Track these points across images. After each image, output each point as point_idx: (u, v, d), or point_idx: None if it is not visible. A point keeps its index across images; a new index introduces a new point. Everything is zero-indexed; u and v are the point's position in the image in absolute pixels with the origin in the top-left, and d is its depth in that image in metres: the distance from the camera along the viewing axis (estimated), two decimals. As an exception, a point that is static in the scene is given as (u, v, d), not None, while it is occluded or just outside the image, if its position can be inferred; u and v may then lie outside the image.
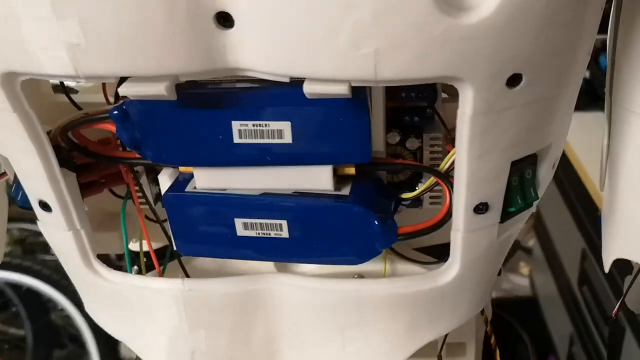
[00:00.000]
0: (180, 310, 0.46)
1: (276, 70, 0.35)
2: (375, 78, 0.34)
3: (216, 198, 0.43)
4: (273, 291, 0.45)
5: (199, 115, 0.40)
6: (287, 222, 0.43)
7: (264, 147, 0.40)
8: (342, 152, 0.40)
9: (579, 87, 0.43)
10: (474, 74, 0.35)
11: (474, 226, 0.42)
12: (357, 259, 0.43)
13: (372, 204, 0.42)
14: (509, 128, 0.38)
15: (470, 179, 0.39)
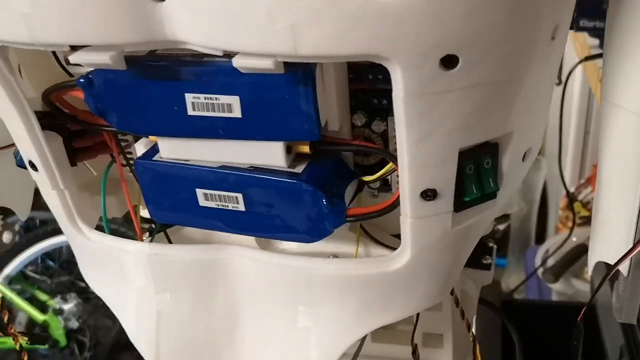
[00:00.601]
0: (147, 272, 0.48)
1: (207, 43, 0.36)
2: (296, 53, 0.34)
3: (179, 168, 0.45)
4: (232, 262, 0.46)
5: (156, 86, 0.41)
6: (243, 196, 0.43)
7: (215, 120, 0.41)
8: (290, 129, 0.40)
9: (549, 75, 0.42)
10: (400, 53, 0.34)
11: (423, 213, 0.41)
12: (309, 237, 0.43)
13: (323, 184, 0.42)
14: (450, 112, 0.37)
15: (411, 163, 0.39)
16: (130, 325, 0.51)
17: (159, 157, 0.45)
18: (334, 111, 0.42)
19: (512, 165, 0.43)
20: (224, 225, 0.46)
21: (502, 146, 0.42)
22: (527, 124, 0.42)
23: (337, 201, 0.42)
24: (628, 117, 0.43)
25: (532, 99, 0.41)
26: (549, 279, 1.36)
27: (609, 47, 0.43)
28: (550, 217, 1.77)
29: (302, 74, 0.38)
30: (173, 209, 0.46)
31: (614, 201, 0.45)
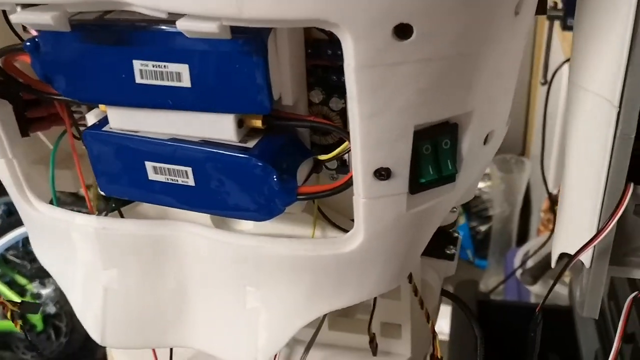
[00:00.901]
0: (94, 247, 0.46)
1: (149, 3, 0.34)
2: (240, 16, 0.33)
3: (128, 139, 0.43)
4: (182, 239, 0.45)
5: (103, 52, 0.39)
6: (192, 170, 0.42)
7: (164, 89, 0.39)
8: (240, 101, 0.39)
9: (513, 54, 0.40)
10: (351, 20, 0.33)
11: (376, 193, 0.39)
12: (259, 215, 0.42)
13: (275, 160, 0.40)
14: (404, 86, 0.35)
15: (364, 140, 0.37)
16: (77, 301, 0.49)
17: (109, 128, 0.44)
18: (288, 84, 0.40)
19: (472, 147, 0.41)
20: (173, 200, 0.44)
21: (461, 127, 0.40)
22: (489, 104, 0.41)
23: (288, 178, 0.41)
24: (595, 100, 0.41)
25: (494, 79, 0.40)
26: (527, 281, 1.35)
27: (578, 28, 0.42)
28: (533, 219, 1.75)
29: (253, 42, 0.37)
30: (122, 183, 0.45)
31: (579, 188, 0.44)
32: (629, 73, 0.39)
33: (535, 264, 1.37)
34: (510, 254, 1.60)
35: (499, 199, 1.71)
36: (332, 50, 0.41)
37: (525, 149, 1.87)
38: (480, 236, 1.80)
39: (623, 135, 0.40)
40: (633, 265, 0.43)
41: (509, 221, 1.72)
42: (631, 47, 0.38)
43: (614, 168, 0.40)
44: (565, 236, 0.46)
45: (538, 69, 1.60)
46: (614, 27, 0.39)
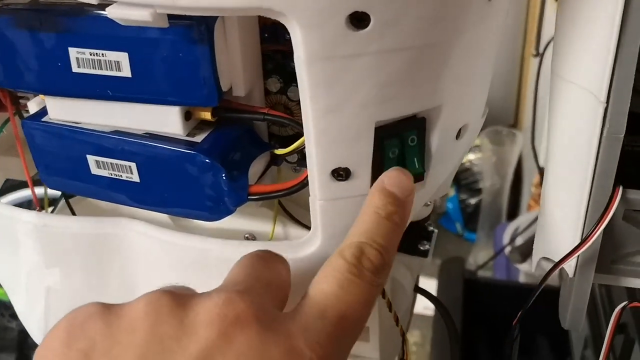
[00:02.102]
0: (36, 245, 0.43)
1: (77, -12, 0.31)
2: (174, 4, 0.29)
3: (68, 130, 0.40)
4: (127, 237, 0.41)
5: (38, 38, 0.36)
6: (136, 165, 0.38)
7: (103, 79, 0.36)
8: (185, 92, 0.36)
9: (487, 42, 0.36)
10: (298, 9, 0.29)
11: (334, 194, 0.36)
12: (209, 214, 0.39)
13: (224, 156, 0.37)
14: (362, 81, 0.32)
15: (318, 138, 0.34)
16: (20, 302, 0.46)
17: (49, 118, 0.40)
18: (239, 74, 0.36)
19: (443, 143, 0.38)
20: (118, 196, 0.41)
21: (430, 122, 0.36)
22: (461, 97, 0.37)
23: (239, 177, 0.37)
24: (579, 94, 0.37)
25: (466, 69, 0.36)
26: (516, 259, 1.32)
27: (561, 18, 0.38)
28: (524, 193, 1.72)
29: (197, 28, 0.33)
30: (65, 176, 0.42)
31: (563, 188, 0.40)
32: (618, 64, 0.34)
33: (524, 241, 1.34)
34: (500, 229, 1.57)
35: (490, 171, 1.68)
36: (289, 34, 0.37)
37: (517, 121, 1.83)
38: (469, 209, 1.77)
39: (611, 134, 0.35)
40: (621, 273, 0.39)
41: (500, 194, 1.68)
42: (620, 34, 0.34)
43: (600, 170, 0.36)
44: (547, 239, 0.42)
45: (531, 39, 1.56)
46: (600, 11, 0.35)
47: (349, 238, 0.32)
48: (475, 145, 1.76)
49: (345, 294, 0.30)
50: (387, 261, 0.32)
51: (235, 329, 0.27)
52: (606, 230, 0.37)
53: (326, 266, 0.32)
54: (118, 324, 0.28)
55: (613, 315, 0.42)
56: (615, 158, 0.36)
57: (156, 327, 0.27)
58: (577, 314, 0.40)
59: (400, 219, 0.34)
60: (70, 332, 0.28)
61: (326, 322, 0.29)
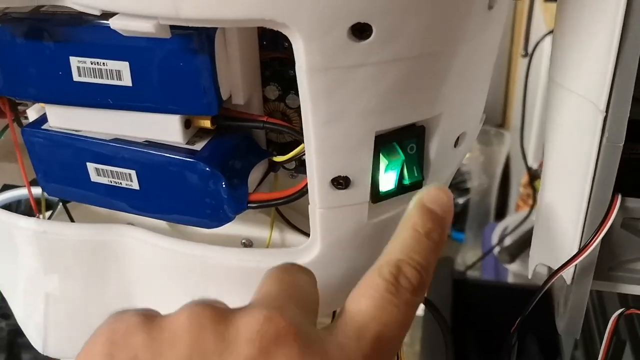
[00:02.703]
0: (35, 251, 0.43)
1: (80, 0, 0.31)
2: (177, 15, 0.29)
3: (68, 138, 0.40)
4: (126, 244, 0.41)
5: (39, 48, 0.36)
6: (136, 173, 0.38)
7: (104, 88, 0.36)
8: (185, 101, 0.36)
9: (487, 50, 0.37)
10: (300, 20, 0.29)
11: (334, 203, 0.36)
12: (209, 222, 0.39)
13: (223, 164, 0.37)
14: (363, 91, 0.32)
15: (319, 147, 0.34)
16: (19, 308, 0.46)
17: (48, 126, 0.40)
18: (238, 83, 0.37)
19: (441, 151, 0.38)
20: (118, 203, 0.41)
21: (429, 130, 0.37)
22: (460, 105, 0.37)
23: (239, 184, 0.37)
24: (578, 103, 0.38)
25: (466, 78, 0.36)
26: (504, 259, 1.33)
27: (560, 25, 0.38)
28: (512, 193, 1.73)
29: (198, 38, 0.34)
30: (64, 183, 0.42)
31: (561, 195, 0.40)
32: (618, 73, 0.34)
33: (513, 241, 1.35)
34: (488, 229, 1.58)
35: (478, 171, 1.68)
36: (289, 42, 0.37)
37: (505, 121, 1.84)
38: (457, 209, 1.77)
39: (610, 143, 0.36)
40: (620, 280, 0.39)
41: (488, 194, 1.69)
42: (621, 43, 0.34)
43: (599, 178, 0.37)
44: (545, 246, 0.42)
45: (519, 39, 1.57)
46: (601, 19, 0.35)
47: (386, 255, 0.32)
48: (464, 145, 1.77)
49: (382, 314, 0.30)
50: (425, 281, 0.32)
51: (276, 346, 0.27)
52: (604, 237, 0.37)
53: (364, 283, 0.31)
54: (161, 336, 0.28)
55: (610, 322, 0.43)
56: (615, 166, 0.36)
57: (199, 341, 0.27)
58: (574, 320, 0.41)
59: (439, 237, 0.33)
60: (112, 344, 0.28)
61: (362, 343, 0.29)
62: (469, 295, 1.15)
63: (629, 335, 0.67)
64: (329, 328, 0.30)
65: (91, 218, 0.49)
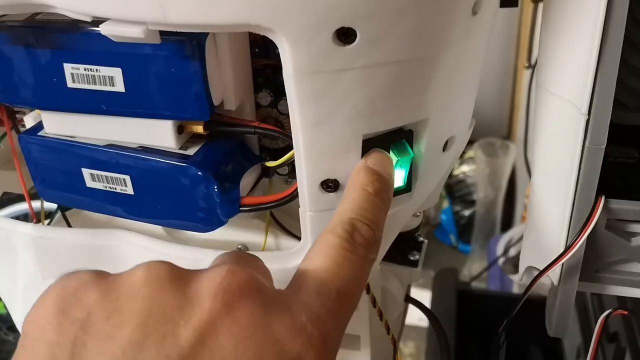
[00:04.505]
0: (33, 256, 0.44)
1: (72, 7, 0.32)
2: (165, 21, 0.30)
3: (63, 144, 0.41)
4: (122, 249, 0.42)
5: (33, 54, 0.37)
6: (130, 178, 0.39)
7: (97, 94, 0.37)
8: (177, 106, 0.36)
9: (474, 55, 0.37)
10: (286, 25, 0.30)
11: (324, 205, 0.37)
12: (201, 226, 0.39)
13: (216, 169, 0.38)
14: (349, 94, 0.33)
15: (307, 150, 0.34)
16: (18, 312, 0.47)
17: (44, 133, 0.41)
18: (230, 88, 0.37)
19: (430, 155, 0.39)
20: (113, 209, 0.41)
21: (417, 134, 0.37)
22: (447, 110, 0.38)
23: (231, 188, 0.38)
24: (562, 106, 0.38)
25: (452, 82, 0.37)
26: (509, 270, 1.33)
27: (545, 32, 0.39)
28: (518, 205, 1.73)
29: (189, 44, 0.34)
30: (61, 189, 0.42)
31: (547, 198, 0.41)
32: (599, 76, 0.35)
33: (518, 252, 1.34)
34: (493, 240, 1.58)
35: (483, 183, 1.68)
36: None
37: (511, 133, 1.84)
38: (463, 221, 1.78)
39: (592, 145, 0.36)
40: (605, 281, 0.40)
41: (493, 206, 1.69)
42: (601, 47, 0.35)
43: (583, 180, 0.37)
44: (533, 248, 0.43)
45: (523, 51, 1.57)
46: (582, 25, 0.36)
47: (338, 214, 0.32)
48: (469, 157, 1.77)
49: (340, 269, 0.30)
50: (377, 236, 0.32)
51: (239, 300, 0.26)
52: (590, 239, 0.38)
53: (318, 242, 0.32)
54: (116, 291, 0.26)
55: (598, 322, 0.43)
56: (597, 169, 0.36)
57: (158, 295, 0.26)
58: (562, 321, 0.41)
59: (387, 196, 0.34)
60: (63, 301, 0.26)
61: (324, 297, 0.29)
62: (474, 305, 1.15)
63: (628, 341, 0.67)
64: (288, 287, 0.30)
65: (90, 225, 0.49)
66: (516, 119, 1.80)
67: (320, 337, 0.28)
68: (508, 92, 1.84)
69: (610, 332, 0.74)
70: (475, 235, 1.73)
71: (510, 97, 1.85)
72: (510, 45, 1.74)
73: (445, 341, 0.52)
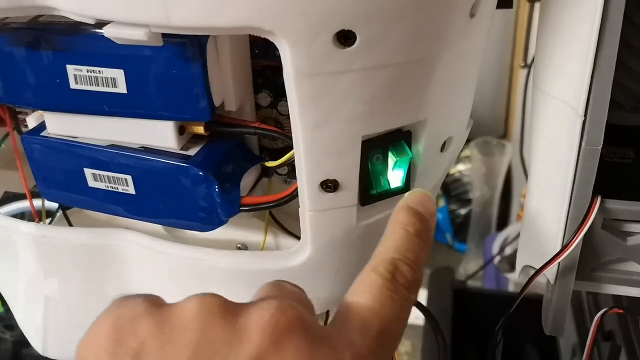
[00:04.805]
0: (35, 255, 0.44)
1: (76, 10, 0.33)
2: (169, 23, 0.30)
3: (65, 144, 0.41)
4: (123, 248, 0.43)
5: (37, 56, 0.38)
6: (132, 178, 0.40)
7: (100, 95, 0.37)
8: (179, 107, 0.37)
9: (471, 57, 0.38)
10: (286, 27, 0.30)
11: (323, 205, 0.37)
12: (202, 225, 0.40)
13: (217, 169, 0.38)
14: (349, 96, 0.33)
15: (307, 151, 0.35)
16: (19, 311, 0.47)
17: (47, 133, 0.41)
18: (230, 90, 0.38)
19: (428, 156, 0.39)
20: (115, 208, 0.42)
21: (415, 135, 0.38)
22: (445, 110, 0.38)
23: (231, 188, 0.38)
24: (558, 107, 0.39)
25: (450, 84, 0.37)
26: (505, 268, 1.33)
27: (542, 34, 0.39)
28: (514, 204, 1.74)
29: (190, 46, 0.35)
30: (63, 189, 0.43)
31: (544, 197, 0.41)
32: (595, 78, 0.36)
33: (514, 251, 1.35)
34: (489, 239, 1.58)
35: (479, 182, 1.69)
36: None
37: (507, 132, 1.85)
38: (459, 219, 1.78)
39: (589, 146, 0.37)
40: (601, 280, 0.41)
41: (489, 205, 1.69)
42: (598, 48, 0.35)
43: (579, 180, 0.38)
44: (530, 248, 0.43)
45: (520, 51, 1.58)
46: (578, 26, 0.36)
47: (381, 254, 0.33)
48: (465, 156, 1.77)
49: (383, 309, 0.30)
50: (419, 277, 0.32)
51: (287, 337, 0.27)
52: (586, 238, 0.38)
53: (361, 280, 0.32)
54: (169, 322, 0.27)
55: (594, 320, 0.43)
56: (594, 169, 0.37)
57: (208, 329, 0.27)
58: (559, 319, 0.42)
59: (427, 236, 0.34)
60: (118, 330, 0.27)
61: (367, 337, 0.29)
62: (470, 304, 1.15)
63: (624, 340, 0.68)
64: (332, 323, 0.30)
65: (91, 224, 0.50)
66: (512, 118, 1.81)
67: None
68: (504, 91, 1.85)
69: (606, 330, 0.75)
70: (471, 234, 1.74)
71: (506, 96, 1.85)
72: (506, 45, 1.75)
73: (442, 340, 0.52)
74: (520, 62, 1.30)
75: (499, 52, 1.77)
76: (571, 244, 0.38)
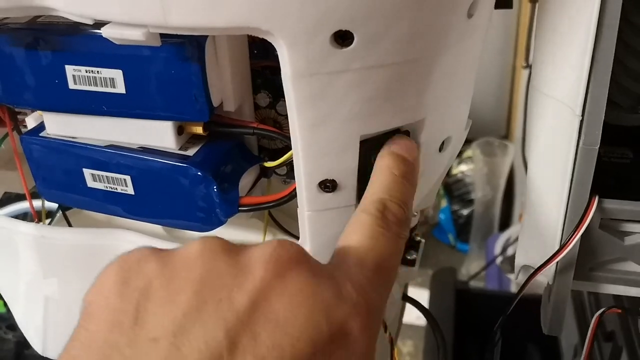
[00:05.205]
0: (34, 255, 0.45)
1: (74, 10, 0.33)
2: (166, 23, 0.31)
3: (65, 145, 0.41)
4: (122, 248, 0.42)
5: (36, 56, 0.38)
6: (131, 178, 0.40)
7: (98, 95, 0.37)
8: (177, 108, 0.37)
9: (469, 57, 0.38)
10: (284, 28, 0.30)
11: (321, 205, 0.37)
12: (202, 225, 0.40)
13: (215, 169, 0.38)
14: (347, 96, 0.33)
15: (305, 151, 0.35)
16: (19, 311, 0.47)
17: (46, 133, 0.42)
18: (229, 90, 0.38)
19: (426, 156, 0.39)
20: (114, 208, 0.42)
21: (413, 135, 0.38)
22: (444, 110, 0.38)
23: (230, 189, 0.39)
24: (556, 107, 0.39)
25: (448, 84, 0.37)
26: (507, 269, 1.33)
27: (540, 34, 0.39)
28: (516, 204, 1.74)
29: (189, 47, 0.35)
30: (62, 189, 0.43)
31: (542, 198, 0.41)
32: (593, 78, 0.36)
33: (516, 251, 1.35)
34: (492, 239, 1.59)
35: (482, 182, 1.69)
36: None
37: (509, 132, 1.85)
38: (462, 220, 1.78)
39: (586, 146, 0.37)
40: (599, 280, 0.41)
41: (492, 205, 1.69)
42: (595, 48, 0.35)
43: (577, 180, 0.38)
44: (528, 247, 0.43)
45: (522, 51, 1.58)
46: (575, 27, 0.36)
47: (368, 196, 0.34)
48: (467, 157, 1.77)
49: (376, 244, 0.31)
50: (407, 215, 0.34)
51: (290, 270, 0.28)
52: (583, 238, 0.38)
53: (353, 222, 0.33)
54: (173, 262, 0.28)
55: (593, 319, 0.44)
56: (591, 169, 0.37)
57: (212, 265, 0.27)
58: (557, 319, 0.42)
59: (413, 178, 0.35)
60: (125, 272, 0.28)
61: (365, 270, 0.30)
62: (472, 304, 1.16)
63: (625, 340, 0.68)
64: (329, 262, 0.31)
65: (90, 224, 0.50)
66: (514, 118, 1.81)
67: (365, 305, 0.29)
68: (506, 91, 1.85)
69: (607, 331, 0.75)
70: (473, 234, 1.74)
71: (509, 96, 1.85)
72: (508, 45, 1.75)
73: (443, 340, 0.52)
74: (523, 62, 1.30)
75: (501, 52, 1.77)
76: (569, 244, 0.38)
